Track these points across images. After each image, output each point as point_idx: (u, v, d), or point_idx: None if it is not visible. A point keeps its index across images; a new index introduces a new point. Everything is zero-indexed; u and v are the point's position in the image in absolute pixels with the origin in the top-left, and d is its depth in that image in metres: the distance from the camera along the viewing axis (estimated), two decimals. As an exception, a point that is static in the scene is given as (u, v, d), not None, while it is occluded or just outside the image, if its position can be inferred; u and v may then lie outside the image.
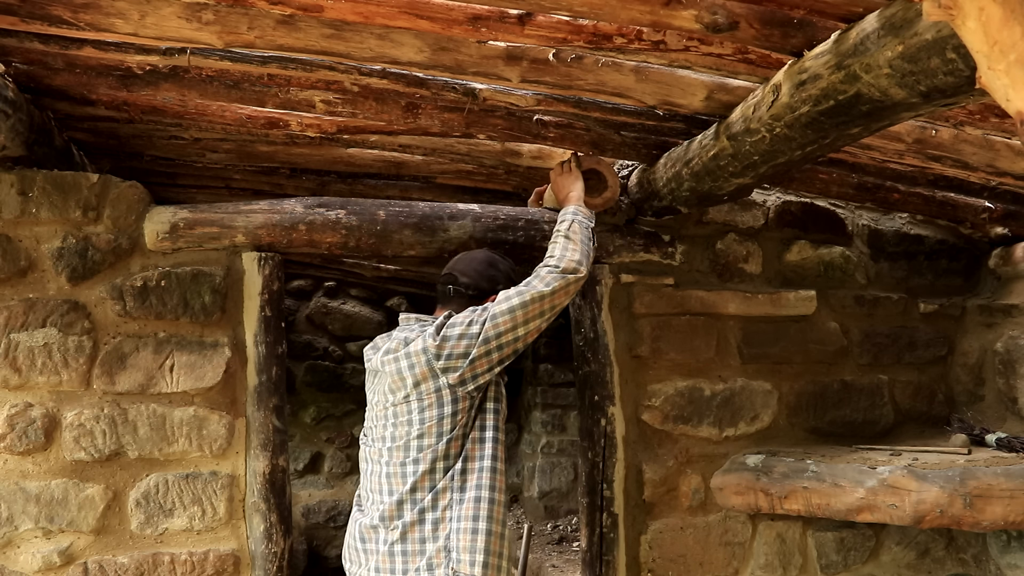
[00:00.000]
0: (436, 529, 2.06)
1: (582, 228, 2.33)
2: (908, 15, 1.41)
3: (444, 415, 2.08)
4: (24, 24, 1.88)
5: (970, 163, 2.32)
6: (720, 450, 2.89)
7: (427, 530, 2.06)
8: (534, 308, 2.12)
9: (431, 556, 2.04)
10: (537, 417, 5.23)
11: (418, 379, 2.08)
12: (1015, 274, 3.11)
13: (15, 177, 2.41)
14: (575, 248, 2.26)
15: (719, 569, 2.85)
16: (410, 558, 2.05)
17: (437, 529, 2.06)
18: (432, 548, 2.04)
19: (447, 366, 2.06)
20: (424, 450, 2.07)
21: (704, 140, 2.27)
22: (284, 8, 1.78)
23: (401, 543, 2.06)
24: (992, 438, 2.77)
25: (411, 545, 2.06)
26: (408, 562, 2.05)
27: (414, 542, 2.06)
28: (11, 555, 2.35)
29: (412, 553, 2.06)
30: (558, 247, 2.27)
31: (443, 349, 2.06)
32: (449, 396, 2.08)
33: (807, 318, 3.03)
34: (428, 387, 2.08)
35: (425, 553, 2.04)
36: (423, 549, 2.05)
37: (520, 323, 2.10)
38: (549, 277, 2.16)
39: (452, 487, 2.08)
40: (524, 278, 2.21)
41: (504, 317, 2.08)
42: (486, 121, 2.42)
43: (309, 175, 3.21)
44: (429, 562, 2.04)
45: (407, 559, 2.06)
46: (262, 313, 2.55)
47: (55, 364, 2.40)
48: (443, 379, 2.07)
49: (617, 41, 1.83)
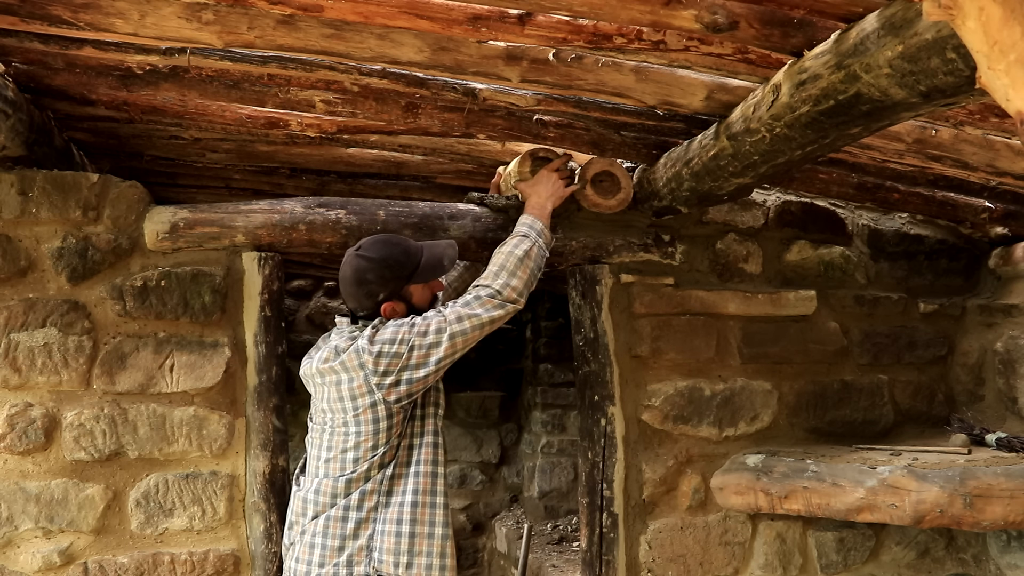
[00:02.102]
0: (358, 528, 2.13)
1: (538, 255, 2.31)
2: (908, 15, 1.41)
3: (380, 429, 2.13)
4: (24, 24, 1.88)
5: (970, 163, 2.32)
6: (720, 450, 2.89)
7: (349, 528, 2.13)
8: (473, 335, 2.16)
9: (352, 553, 2.11)
10: (537, 417, 5.22)
11: (355, 393, 2.12)
12: (1015, 274, 3.11)
13: (15, 177, 2.41)
14: (522, 276, 2.24)
15: (719, 569, 2.85)
16: (328, 553, 2.12)
17: (359, 528, 2.13)
18: (353, 546, 2.11)
19: (382, 383, 2.09)
20: (359, 461, 2.13)
21: (704, 140, 2.27)
22: (284, 8, 1.78)
23: (322, 536, 2.13)
24: (992, 438, 2.77)
25: (331, 540, 2.12)
26: (326, 557, 2.12)
27: (334, 538, 2.12)
28: (11, 555, 2.35)
29: (331, 549, 2.12)
30: (507, 265, 2.23)
31: (379, 366, 2.09)
32: (384, 411, 2.12)
33: (807, 318, 3.03)
34: (364, 401, 2.12)
35: (345, 550, 2.11)
36: (343, 546, 2.11)
37: (459, 349, 2.16)
38: (491, 304, 2.18)
39: (380, 491, 2.14)
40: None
41: (444, 345, 2.12)
42: (486, 121, 2.42)
43: (309, 175, 3.21)
44: (349, 559, 2.11)
45: (325, 554, 2.12)
46: (262, 313, 2.55)
47: (55, 364, 2.40)
48: (379, 394, 2.10)
49: (617, 41, 1.83)
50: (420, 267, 2.24)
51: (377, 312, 2.22)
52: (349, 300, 2.26)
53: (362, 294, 2.21)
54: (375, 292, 2.20)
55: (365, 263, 2.20)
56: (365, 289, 2.20)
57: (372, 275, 2.19)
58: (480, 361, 5.89)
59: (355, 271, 2.21)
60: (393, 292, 2.21)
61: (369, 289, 2.20)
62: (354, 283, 2.21)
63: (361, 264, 2.20)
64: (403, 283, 2.23)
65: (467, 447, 5.77)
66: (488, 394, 5.83)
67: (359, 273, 2.20)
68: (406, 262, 2.22)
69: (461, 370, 5.79)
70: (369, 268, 2.19)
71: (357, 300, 2.23)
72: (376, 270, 2.19)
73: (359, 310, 2.24)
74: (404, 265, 2.22)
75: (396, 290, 2.22)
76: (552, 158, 2.62)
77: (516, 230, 2.37)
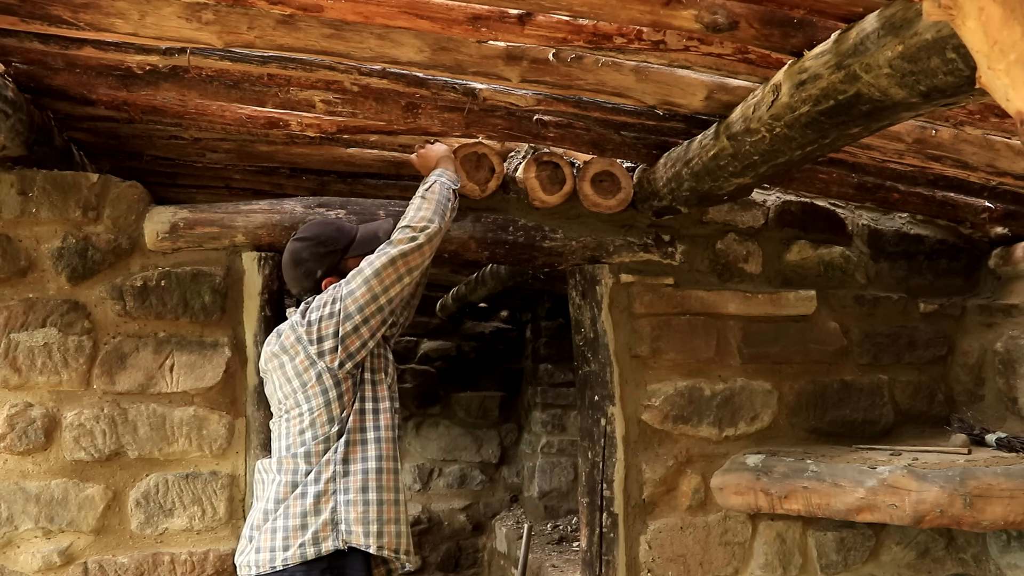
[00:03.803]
0: (318, 503, 2.03)
1: (442, 188, 2.30)
2: (908, 15, 1.41)
3: (330, 400, 2.08)
4: (24, 24, 1.88)
5: (970, 163, 2.32)
6: (720, 450, 2.89)
7: (308, 504, 2.03)
8: (388, 274, 2.09)
9: (316, 530, 2.01)
10: (537, 417, 5.22)
11: (299, 370, 2.10)
12: (1015, 274, 3.11)
13: (15, 177, 2.42)
14: (428, 207, 2.22)
15: (719, 569, 2.85)
16: (291, 533, 2.01)
17: (319, 503, 2.03)
18: (317, 522, 2.01)
19: (320, 350, 2.07)
20: (317, 437, 2.07)
21: (704, 140, 2.27)
22: (284, 8, 1.79)
23: (283, 519, 2.03)
24: (992, 438, 2.77)
25: (291, 520, 2.03)
26: (289, 538, 2.01)
27: (294, 517, 2.03)
28: (11, 555, 2.35)
29: (293, 528, 2.01)
30: (412, 207, 2.23)
31: (312, 334, 2.07)
32: (331, 380, 2.08)
33: (807, 318, 3.03)
34: (309, 376, 2.09)
35: (308, 527, 2.01)
36: (304, 524, 2.01)
37: (379, 292, 2.08)
38: (398, 238, 2.14)
39: (335, 460, 2.06)
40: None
41: (360, 290, 2.07)
42: (486, 121, 2.42)
43: (309, 175, 3.21)
44: (315, 536, 2.00)
45: (288, 535, 2.01)
46: (262, 313, 2.55)
47: (55, 364, 2.40)
48: (320, 364, 2.08)
49: (617, 41, 1.83)
50: (355, 241, 2.25)
51: (319, 291, 2.20)
52: (292, 285, 2.26)
53: (300, 274, 2.21)
54: (312, 270, 2.20)
55: (299, 244, 2.23)
56: (303, 269, 2.20)
57: (307, 253, 2.21)
58: (480, 361, 5.91)
59: (291, 253, 2.23)
60: (330, 267, 2.21)
61: (306, 268, 2.20)
62: (292, 265, 2.23)
63: (296, 246, 2.23)
64: (339, 257, 2.22)
65: (467, 447, 5.77)
66: (488, 394, 5.83)
67: (295, 255, 2.22)
68: (339, 237, 2.24)
69: (461, 370, 5.84)
70: (304, 247, 2.22)
71: (298, 282, 2.23)
72: (310, 248, 2.21)
73: (302, 293, 2.23)
74: (337, 240, 2.24)
75: (333, 264, 2.21)
76: (559, 163, 2.72)
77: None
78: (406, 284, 2.13)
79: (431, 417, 5.78)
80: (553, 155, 2.73)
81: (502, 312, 6.00)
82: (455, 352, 5.92)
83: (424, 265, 2.19)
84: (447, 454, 5.76)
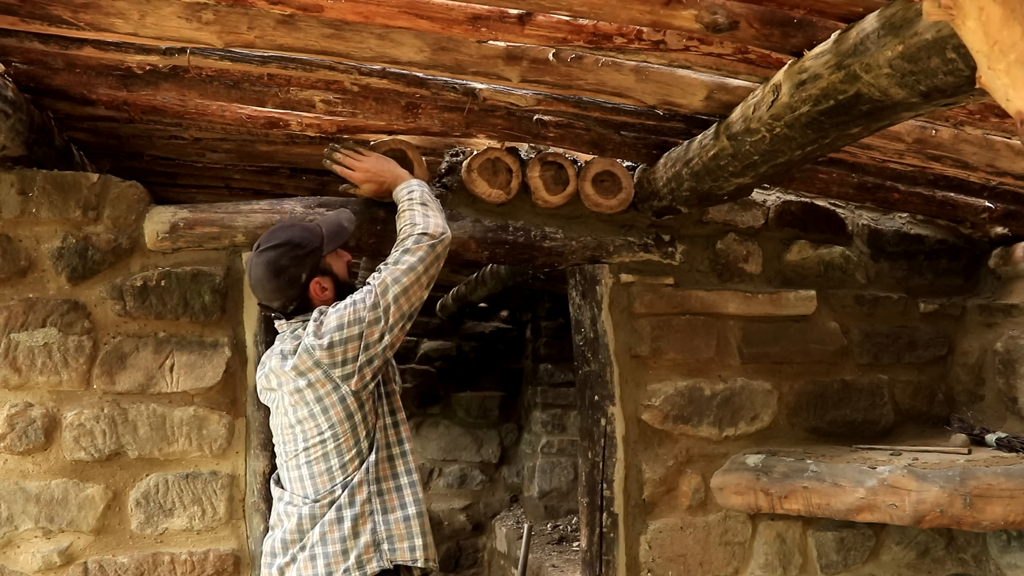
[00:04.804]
0: (356, 525, 2.00)
1: (429, 191, 2.29)
2: (908, 15, 1.41)
3: (356, 422, 2.02)
4: (24, 24, 1.88)
5: (970, 163, 2.32)
6: (720, 450, 2.89)
7: (347, 528, 2.00)
8: (415, 290, 2.05)
9: (360, 554, 1.99)
10: (537, 417, 5.22)
11: (319, 395, 2.00)
12: (1015, 274, 3.11)
13: (15, 177, 2.41)
14: (434, 212, 2.19)
15: (719, 569, 2.85)
16: (332, 560, 1.98)
17: (357, 525, 2.00)
18: (359, 545, 1.99)
19: (345, 373, 1.98)
20: (345, 461, 2.02)
21: (704, 140, 2.27)
22: (284, 8, 1.79)
23: (321, 545, 2.00)
24: (992, 438, 2.77)
25: (331, 547, 1.99)
26: (332, 565, 1.98)
27: (334, 543, 2.00)
28: (11, 555, 2.35)
29: (334, 555, 1.99)
30: (418, 215, 2.16)
31: (335, 357, 1.97)
32: (355, 402, 2.01)
33: (807, 318, 3.03)
34: (331, 400, 2.00)
35: (350, 552, 1.98)
36: (346, 549, 1.99)
37: (407, 310, 2.04)
38: (423, 250, 2.07)
39: (368, 480, 2.03)
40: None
41: (392, 309, 2.01)
42: (486, 121, 2.42)
43: (309, 175, 3.21)
44: (359, 560, 1.99)
45: (329, 562, 1.98)
46: (262, 313, 2.54)
47: (55, 364, 2.40)
48: (344, 387, 2.00)
49: (617, 41, 1.84)
50: (326, 236, 2.15)
51: (306, 297, 2.10)
52: (273, 299, 2.10)
53: (284, 283, 2.07)
54: (296, 276, 2.07)
55: (274, 252, 2.07)
56: (286, 277, 2.06)
57: (286, 259, 2.07)
58: (480, 361, 5.91)
59: (267, 264, 2.07)
60: (314, 268, 2.10)
61: (289, 275, 2.06)
62: (272, 276, 2.07)
63: (270, 256, 2.07)
64: (319, 256, 2.12)
65: (467, 447, 5.78)
66: (488, 394, 5.84)
67: (272, 264, 2.06)
68: (311, 236, 2.13)
69: (461, 370, 5.84)
70: (280, 254, 2.07)
71: (282, 293, 2.08)
72: (287, 253, 2.07)
73: (288, 304, 2.10)
74: (311, 239, 2.11)
75: (316, 265, 2.11)
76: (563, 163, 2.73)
77: (397, 196, 2.31)
78: (425, 293, 2.10)
79: (431, 417, 5.78)
80: (557, 155, 2.73)
81: (502, 312, 6.01)
82: (455, 352, 5.92)
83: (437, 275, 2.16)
84: (447, 454, 5.76)
